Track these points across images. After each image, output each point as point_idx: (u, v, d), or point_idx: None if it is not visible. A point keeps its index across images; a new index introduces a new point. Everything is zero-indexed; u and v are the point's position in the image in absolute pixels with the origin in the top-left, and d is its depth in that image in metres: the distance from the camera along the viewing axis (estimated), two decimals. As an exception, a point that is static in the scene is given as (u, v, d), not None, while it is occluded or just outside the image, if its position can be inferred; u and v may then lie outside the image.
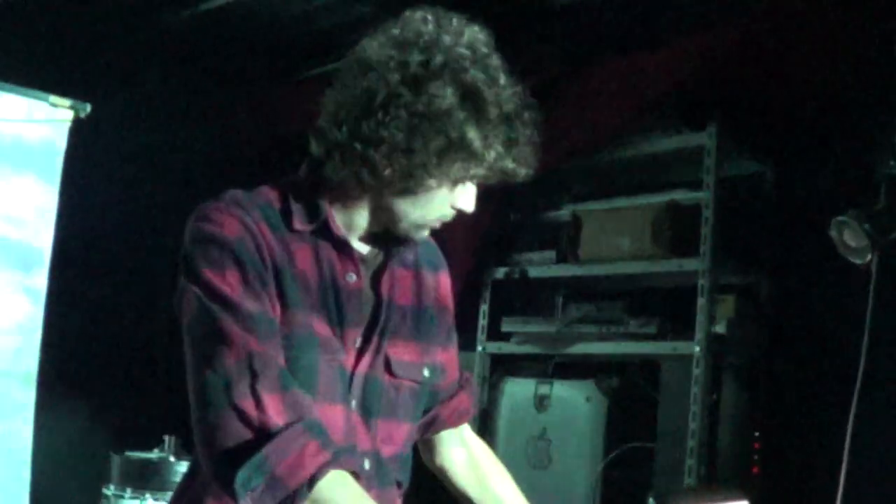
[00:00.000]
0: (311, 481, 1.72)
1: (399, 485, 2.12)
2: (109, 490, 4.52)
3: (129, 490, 4.46)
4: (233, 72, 5.34)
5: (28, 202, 4.62)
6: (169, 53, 5.25)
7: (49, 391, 4.96)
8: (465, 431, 2.37)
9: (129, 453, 4.62)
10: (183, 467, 4.31)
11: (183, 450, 4.55)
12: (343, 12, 4.64)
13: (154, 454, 4.62)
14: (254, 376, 1.79)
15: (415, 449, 2.25)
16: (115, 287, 5.18)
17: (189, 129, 5.47)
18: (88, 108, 4.70)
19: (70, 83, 4.74)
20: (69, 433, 5.04)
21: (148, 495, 4.41)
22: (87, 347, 5.11)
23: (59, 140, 4.68)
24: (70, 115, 4.68)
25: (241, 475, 1.73)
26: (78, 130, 4.68)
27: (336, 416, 1.92)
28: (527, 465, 4.38)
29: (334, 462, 1.76)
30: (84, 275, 5.13)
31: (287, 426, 1.77)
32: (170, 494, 4.20)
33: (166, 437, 4.61)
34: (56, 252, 4.72)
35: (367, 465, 1.97)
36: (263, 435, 1.75)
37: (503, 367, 4.86)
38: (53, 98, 4.64)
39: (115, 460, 4.59)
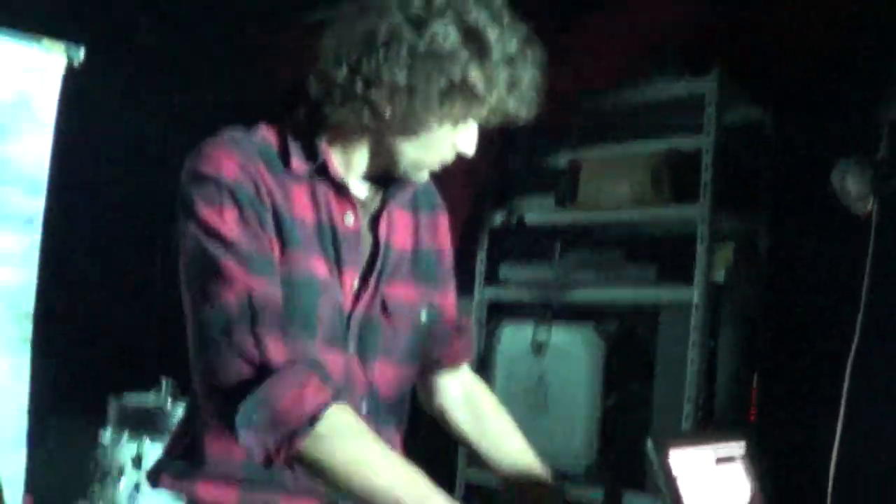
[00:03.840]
0: (313, 418, 1.72)
1: (398, 425, 2.13)
2: (106, 434, 4.52)
3: (126, 433, 4.46)
4: (230, 17, 5.29)
5: (24, 147, 4.60)
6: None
7: (45, 335, 4.96)
8: (464, 373, 2.37)
9: (126, 397, 4.62)
10: (180, 410, 4.31)
11: (180, 393, 4.55)
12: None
13: (151, 397, 4.63)
14: (253, 315, 1.78)
15: (413, 392, 2.26)
16: (112, 231, 5.16)
17: (185, 74, 5.43)
18: (82, 51, 4.66)
19: (63, 29, 4.69)
20: (66, 377, 5.04)
21: (145, 438, 4.42)
22: (83, 290, 5.10)
23: (53, 82, 4.64)
24: (63, 59, 4.64)
25: (242, 413, 1.73)
26: (72, 74, 4.64)
27: (334, 357, 1.91)
28: (525, 410, 4.38)
29: (335, 399, 1.75)
30: (79, 220, 5.11)
31: (288, 364, 1.76)
32: (166, 438, 4.22)
33: (163, 380, 4.61)
34: (50, 198, 4.70)
35: (364, 406, 1.97)
36: (264, 372, 1.75)
37: (501, 313, 4.85)
38: (46, 41, 4.59)
39: (113, 404, 4.60)
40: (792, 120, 4.36)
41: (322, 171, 1.97)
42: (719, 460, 2.24)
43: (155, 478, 2.09)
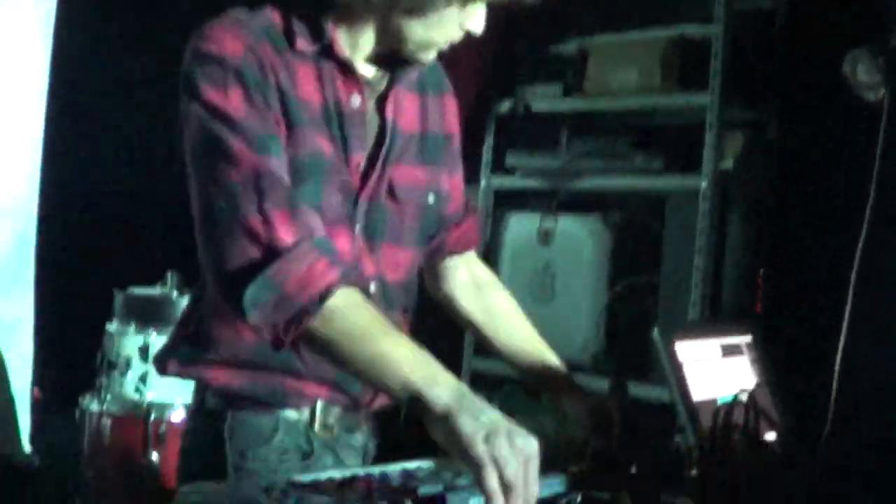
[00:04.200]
0: (321, 297, 1.70)
1: (405, 310, 2.12)
2: (113, 326, 4.53)
3: (132, 325, 4.47)
4: None
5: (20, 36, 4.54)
6: None
7: (50, 229, 4.94)
8: (471, 259, 2.36)
9: (131, 289, 4.62)
10: (186, 301, 4.32)
11: (185, 285, 4.55)
12: None
13: (157, 290, 4.63)
14: (260, 194, 1.76)
15: (420, 279, 2.24)
16: (115, 120, 5.11)
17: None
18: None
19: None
20: (71, 270, 5.04)
21: (152, 330, 4.43)
22: (87, 184, 5.07)
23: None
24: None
25: (250, 293, 1.71)
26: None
27: (341, 240, 1.89)
28: (530, 299, 4.37)
29: (344, 279, 1.73)
30: (82, 109, 5.07)
31: (296, 243, 1.74)
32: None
33: (169, 273, 4.60)
34: (52, 88, 4.65)
35: (372, 289, 1.96)
36: (272, 252, 1.73)
37: (507, 201, 4.83)
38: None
39: (119, 296, 4.60)
40: (803, 7, 4.28)
41: (328, 51, 1.93)
42: (725, 351, 2.24)
43: (162, 364, 2.09)
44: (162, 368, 2.09)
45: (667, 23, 4.44)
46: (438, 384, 1.65)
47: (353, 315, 1.72)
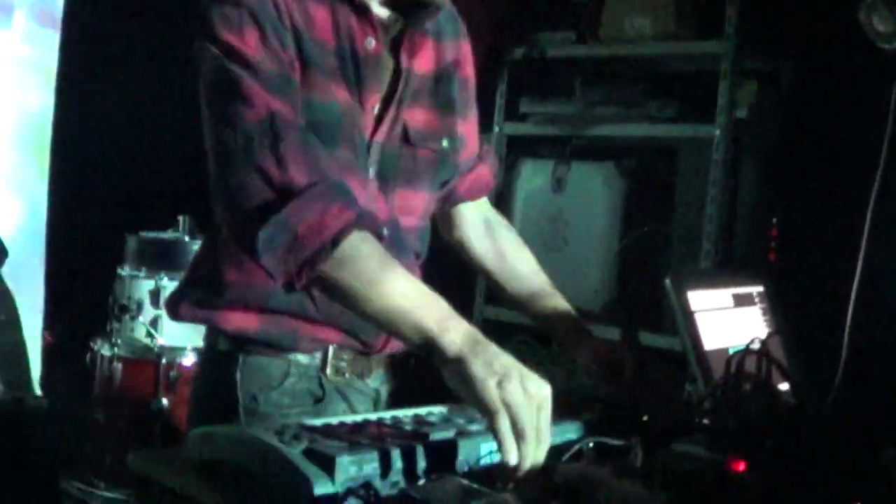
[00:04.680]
0: (334, 241, 1.69)
1: (417, 255, 2.12)
2: (124, 270, 4.54)
3: (143, 269, 4.49)
4: None
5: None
6: None
7: (62, 172, 4.94)
8: (484, 205, 2.35)
9: (143, 233, 4.63)
10: (197, 246, 4.32)
11: (197, 229, 4.55)
12: None
13: (168, 234, 4.63)
14: (275, 136, 1.74)
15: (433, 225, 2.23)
16: (126, 65, 5.09)
17: None
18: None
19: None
20: (83, 214, 5.04)
21: (163, 274, 4.44)
22: (98, 129, 5.05)
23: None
24: None
25: (263, 235, 1.70)
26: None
27: (354, 184, 1.88)
28: (543, 246, 4.35)
29: (357, 223, 1.72)
30: (95, 50, 5.05)
31: (310, 185, 1.73)
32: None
33: (180, 217, 4.61)
34: (65, 33, 4.64)
35: (385, 233, 1.95)
36: (286, 194, 1.71)
37: (520, 148, 4.80)
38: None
39: (130, 240, 4.61)
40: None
41: None
42: (737, 301, 2.23)
43: (174, 308, 2.09)
44: (173, 312, 2.09)
45: (683, -30, 4.40)
46: (451, 329, 1.64)
47: (365, 259, 1.71)
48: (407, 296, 1.69)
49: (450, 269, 2.36)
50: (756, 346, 1.80)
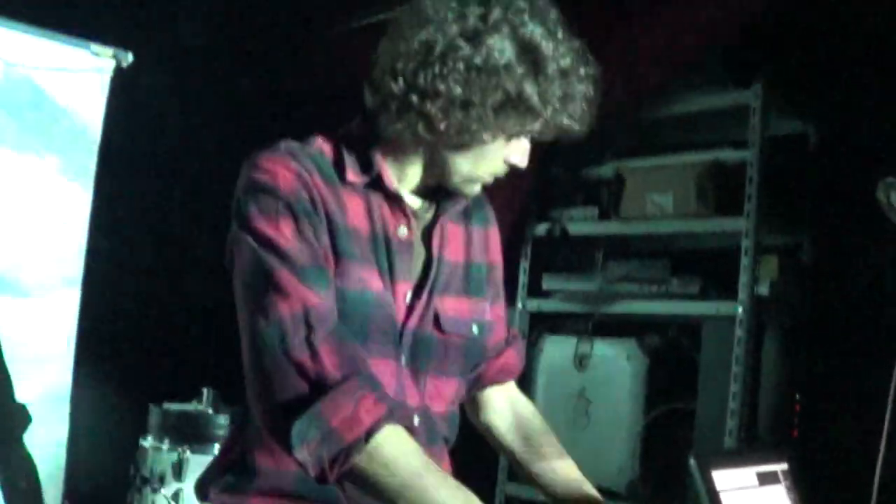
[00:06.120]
0: (368, 435, 1.70)
1: (446, 441, 2.12)
2: (147, 442, 4.53)
3: (166, 442, 4.47)
4: (280, 18, 5.28)
5: (69, 151, 4.62)
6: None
7: (87, 342, 4.97)
8: (512, 389, 2.35)
9: (167, 405, 4.63)
10: (221, 420, 4.32)
11: (221, 402, 4.55)
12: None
13: (192, 406, 4.63)
14: (309, 329, 1.77)
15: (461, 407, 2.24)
16: (155, 240, 5.17)
17: (234, 77, 5.43)
18: (130, 56, 4.69)
19: (110, 29, 4.71)
20: (107, 384, 5.05)
21: (186, 447, 4.42)
22: (126, 300, 5.11)
23: (100, 88, 4.67)
24: (112, 63, 4.67)
25: (297, 427, 1.71)
26: (119, 77, 4.67)
27: (387, 371, 1.90)
28: (566, 424, 4.36)
29: (390, 416, 1.73)
30: (124, 227, 5.13)
31: (343, 379, 1.75)
32: (207, 447, 4.22)
33: (204, 390, 4.61)
34: (95, 208, 4.71)
35: (416, 421, 1.95)
36: (319, 387, 1.73)
37: (543, 324, 4.83)
38: (95, 46, 4.62)
39: (154, 412, 4.60)
40: (836, 132, 4.32)
41: (376, 183, 1.96)
42: (761, 479, 2.22)
43: (203, 491, 2.09)
44: (203, 495, 2.08)
45: (702, 148, 4.48)
46: None
47: (398, 454, 1.72)
48: (439, 493, 1.70)
49: (472, 445, 2.36)
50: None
